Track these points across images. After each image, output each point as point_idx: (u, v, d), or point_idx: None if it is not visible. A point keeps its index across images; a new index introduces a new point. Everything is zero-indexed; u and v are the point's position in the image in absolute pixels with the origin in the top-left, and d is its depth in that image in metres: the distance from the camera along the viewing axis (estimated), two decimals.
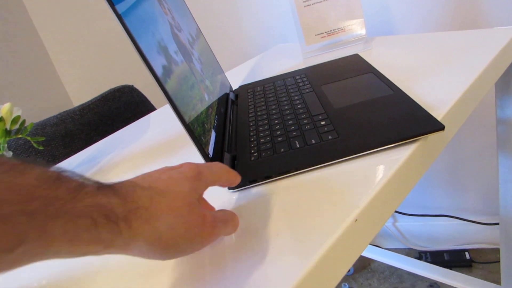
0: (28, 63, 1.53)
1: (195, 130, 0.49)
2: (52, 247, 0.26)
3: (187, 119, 0.48)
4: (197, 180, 0.37)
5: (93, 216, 0.28)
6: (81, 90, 1.65)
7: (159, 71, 0.46)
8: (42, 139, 0.61)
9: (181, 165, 0.38)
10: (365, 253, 1.49)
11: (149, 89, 1.06)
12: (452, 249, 1.46)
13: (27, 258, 0.25)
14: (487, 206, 1.37)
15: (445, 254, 1.44)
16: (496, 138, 0.89)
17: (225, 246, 0.41)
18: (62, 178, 0.28)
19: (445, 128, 0.49)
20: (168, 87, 0.46)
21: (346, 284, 1.47)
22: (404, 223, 1.53)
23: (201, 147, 0.48)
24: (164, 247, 0.33)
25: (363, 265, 1.54)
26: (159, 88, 0.45)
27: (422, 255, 1.46)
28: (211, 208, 0.44)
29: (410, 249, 1.55)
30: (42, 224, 0.25)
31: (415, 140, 0.49)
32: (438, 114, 0.54)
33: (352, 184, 0.45)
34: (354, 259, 0.41)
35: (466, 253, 1.41)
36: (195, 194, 0.36)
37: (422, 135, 0.48)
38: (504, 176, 0.92)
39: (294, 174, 0.50)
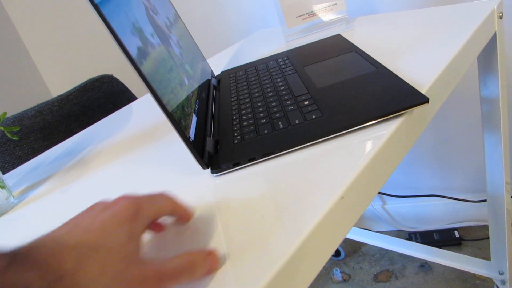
0: (3, 54, 1.49)
1: (175, 114, 0.47)
2: None
3: (165, 101, 0.46)
4: (134, 220, 0.32)
5: None
6: (60, 81, 1.61)
7: (133, 53, 0.44)
8: (17, 129, 0.59)
9: (116, 202, 0.33)
10: (355, 237, 1.50)
11: (130, 79, 1.03)
12: (441, 229, 1.47)
13: None
14: (475, 183, 1.38)
15: (434, 234, 1.45)
16: (481, 115, 0.89)
17: (208, 228, 0.40)
18: None
19: (430, 101, 0.48)
20: (143, 69, 0.44)
21: (338, 269, 1.47)
22: (393, 205, 1.53)
23: (181, 130, 0.46)
24: None
25: (353, 249, 1.54)
26: (135, 70, 0.43)
27: (412, 236, 1.47)
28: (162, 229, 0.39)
29: (400, 230, 1.56)
30: None
31: (399, 115, 0.48)
32: (422, 88, 0.53)
33: (338, 162, 0.44)
34: (341, 237, 0.40)
35: (456, 232, 1.43)
36: (133, 240, 0.30)
37: (407, 109, 0.47)
38: (490, 153, 0.92)
39: (279, 155, 0.49)
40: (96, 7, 0.40)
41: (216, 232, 0.39)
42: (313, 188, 0.41)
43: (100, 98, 0.94)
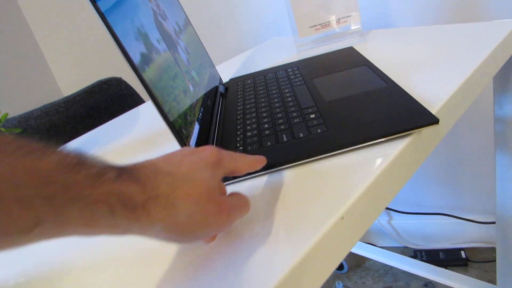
0: (18, 54, 1.50)
1: (176, 122, 0.46)
2: (68, 229, 0.27)
3: (166, 110, 0.45)
4: (217, 167, 0.36)
5: (111, 203, 0.28)
6: (71, 81, 1.62)
7: (136, 59, 0.43)
8: (18, 130, 0.58)
9: (203, 149, 0.38)
10: (360, 251, 1.47)
11: (139, 82, 1.03)
12: (447, 248, 1.44)
13: (43, 237, 0.26)
14: (484, 204, 1.35)
15: (440, 253, 1.42)
16: (494, 136, 0.86)
17: (202, 244, 0.39)
18: (82, 163, 0.27)
19: (440, 122, 0.46)
20: (146, 76, 0.43)
21: (340, 282, 1.45)
22: (400, 221, 1.51)
23: (181, 139, 0.45)
24: (180, 233, 0.33)
25: (357, 263, 1.52)
26: (136, 76, 0.42)
27: (417, 254, 1.44)
28: (224, 190, 0.43)
29: (405, 247, 1.53)
30: (59, 208, 0.26)
31: (408, 134, 0.46)
32: (433, 107, 0.51)
33: (340, 180, 0.42)
34: (340, 258, 0.39)
35: (462, 252, 1.39)
36: (214, 180, 0.35)
37: (415, 128, 0.46)
38: (501, 174, 0.90)
39: (279, 169, 0.47)
40: (99, 12, 0.39)
41: (212, 249, 0.38)
42: (313, 206, 0.39)
43: (107, 101, 0.94)
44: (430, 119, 0.46)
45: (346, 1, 0.87)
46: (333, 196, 0.40)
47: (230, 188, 0.47)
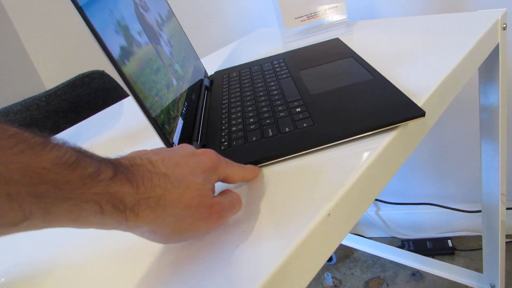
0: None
1: (158, 118, 0.45)
2: (56, 223, 0.28)
3: (148, 105, 0.44)
4: (212, 172, 0.37)
5: (101, 203, 0.28)
6: (55, 75, 1.58)
7: (115, 52, 0.41)
8: None
9: (203, 152, 0.38)
10: (348, 243, 1.48)
11: None
12: (435, 237, 1.45)
13: (31, 229, 0.27)
14: (470, 193, 1.36)
15: (428, 242, 1.43)
16: (479, 125, 0.87)
17: (189, 242, 0.38)
18: (79, 162, 0.28)
19: (426, 115, 0.46)
20: (126, 70, 0.42)
21: (329, 273, 1.45)
22: (387, 211, 1.51)
23: (164, 135, 0.44)
24: (167, 236, 0.34)
25: (346, 254, 1.52)
26: (115, 71, 0.41)
27: (405, 244, 1.45)
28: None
29: (393, 237, 1.54)
30: (49, 206, 0.26)
31: (394, 127, 0.46)
32: (419, 99, 0.50)
33: (326, 176, 0.41)
34: (327, 254, 0.38)
35: (449, 241, 1.41)
36: (207, 185, 0.36)
37: (402, 122, 0.45)
38: (487, 163, 0.90)
39: (265, 165, 0.46)
40: (77, 5, 0.38)
41: (199, 245, 0.37)
42: (299, 203, 0.38)
43: (90, 95, 0.92)
44: (416, 112, 0.45)
45: None
46: (319, 192, 0.39)
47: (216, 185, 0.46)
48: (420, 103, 0.49)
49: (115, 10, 0.47)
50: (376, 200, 1.51)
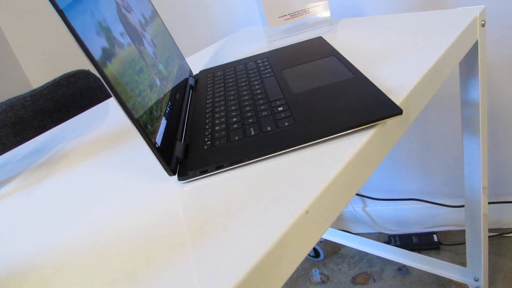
0: None
1: (141, 118, 0.45)
2: None
3: (130, 106, 0.44)
4: None
5: None
6: (41, 75, 1.57)
7: (97, 54, 0.42)
8: None
9: None
10: (335, 239, 1.49)
11: None
12: (420, 232, 1.47)
13: None
14: (454, 188, 1.38)
15: (413, 237, 1.45)
16: (461, 121, 0.88)
17: (169, 238, 0.39)
18: None
19: (404, 113, 0.47)
20: (107, 71, 0.42)
21: (317, 269, 1.47)
22: (374, 207, 1.53)
23: (147, 136, 0.45)
24: None
25: (333, 250, 1.54)
26: (97, 72, 0.41)
27: (391, 239, 1.47)
28: None
29: (380, 233, 1.56)
30: None
31: (372, 125, 0.47)
32: (398, 97, 0.52)
33: (306, 174, 0.42)
34: (306, 251, 0.39)
35: (434, 236, 1.43)
36: None
37: (380, 120, 0.46)
38: (469, 158, 0.92)
39: (247, 164, 0.47)
40: (57, 9, 0.38)
41: (177, 243, 0.38)
42: (278, 200, 0.39)
43: (75, 94, 0.92)
44: (394, 110, 0.47)
45: None
46: (298, 190, 0.40)
47: (199, 184, 0.47)
48: (398, 101, 0.51)
49: (96, 12, 0.47)
50: (363, 196, 1.53)
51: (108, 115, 0.84)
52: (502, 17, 1.04)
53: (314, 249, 1.53)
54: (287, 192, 0.40)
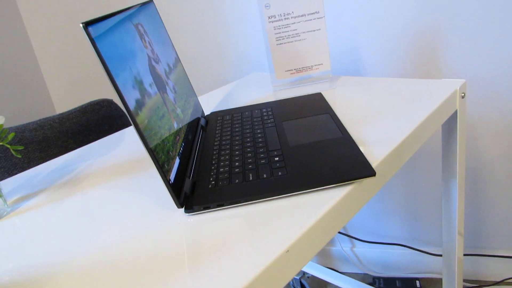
0: (16, 67, 1.57)
1: (159, 158, 0.55)
2: None
3: (152, 147, 0.54)
4: None
5: None
6: (65, 100, 1.70)
7: (131, 105, 0.52)
8: (21, 148, 0.66)
9: None
10: (322, 276, 1.56)
11: None
12: (404, 277, 1.54)
13: None
14: (436, 236, 1.46)
15: (397, 281, 1.52)
16: (442, 173, 0.97)
17: (169, 260, 0.48)
18: None
19: (377, 175, 0.57)
20: (138, 120, 0.53)
21: None
22: (361, 249, 1.61)
23: (163, 174, 0.54)
24: None
25: (319, 287, 1.61)
26: (132, 123, 0.51)
27: (376, 281, 1.54)
28: None
29: (365, 274, 1.63)
30: None
31: (350, 183, 0.57)
32: (375, 160, 0.61)
33: (290, 218, 0.52)
34: (285, 282, 0.48)
35: (417, 282, 1.50)
36: None
37: (355, 179, 0.56)
38: (447, 209, 1.00)
39: (243, 205, 0.57)
40: (105, 67, 0.49)
41: (175, 264, 0.47)
42: (265, 238, 0.49)
43: (98, 120, 1.03)
44: (368, 172, 0.56)
45: (318, 52, 0.98)
46: (282, 231, 0.49)
47: (202, 218, 0.56)
48: (375, 164, 0.60)
49: (133, 67, 0.58)
50: (352, 237, 1.61)
51: (126, 143, 0.94)
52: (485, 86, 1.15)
53: (301, 285, 1.59)
54: (274, 232, 0.50)
